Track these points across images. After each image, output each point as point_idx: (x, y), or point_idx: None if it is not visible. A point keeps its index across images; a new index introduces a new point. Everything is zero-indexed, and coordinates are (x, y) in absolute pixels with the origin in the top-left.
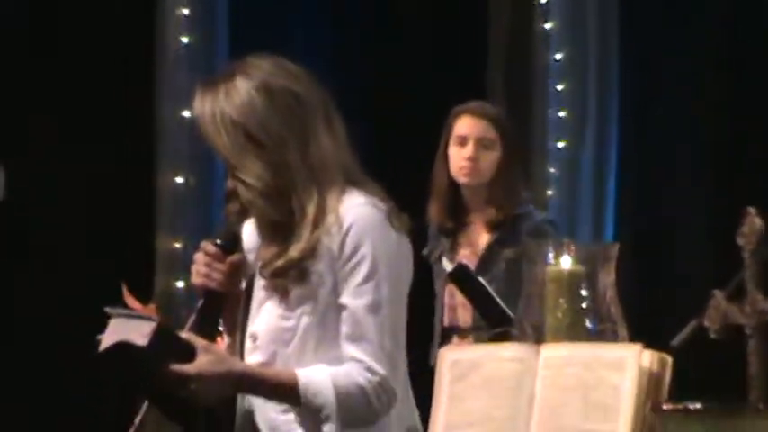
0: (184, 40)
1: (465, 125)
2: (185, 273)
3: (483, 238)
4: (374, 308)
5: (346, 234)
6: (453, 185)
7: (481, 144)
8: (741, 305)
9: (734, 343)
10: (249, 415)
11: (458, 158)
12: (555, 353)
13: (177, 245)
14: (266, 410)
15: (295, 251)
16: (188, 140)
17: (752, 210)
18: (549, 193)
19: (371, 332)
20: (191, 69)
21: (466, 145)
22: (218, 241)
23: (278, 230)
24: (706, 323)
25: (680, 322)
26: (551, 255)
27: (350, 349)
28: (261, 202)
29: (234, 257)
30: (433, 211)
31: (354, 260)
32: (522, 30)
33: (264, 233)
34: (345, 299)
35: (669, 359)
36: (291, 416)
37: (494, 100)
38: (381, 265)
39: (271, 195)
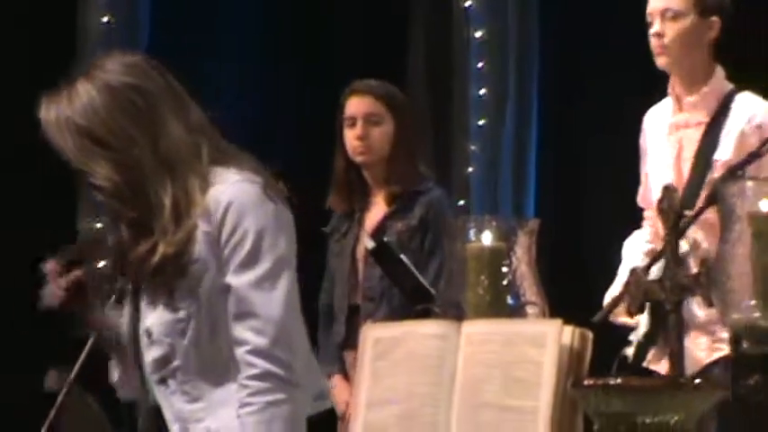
0: (105, 19)
1: (352, 105)
2: None
3: (380, 214)
4: (258, 283)
5: (225, 214)
6: (353, 167)
7: (369, 121)
8: (661, 281)
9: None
10: (155, 409)
11: (350, 139)
12: (476, 329)
13: None
14: (173, 401)
15: (169, 247)
16: None
17: (671, 185)
18: (470, 170)
19: (257, 307)
20: (112, 48)
21: (355, 125)
22: (59, 258)
23: (140, 227)
24: (626, 299)
25: (601, 298)
26: (472, 231)
27: (236, 329)
28: (114, 202)
29: (75, 274)
30: (332, 197)
31: (236, 239)
32: (442, 7)
33: (127, 232)
34: (230, 278)
35: (590, 335)
36: (199, 405)
37: (414, 78)
38: (263, 239)
39: (123, 194)
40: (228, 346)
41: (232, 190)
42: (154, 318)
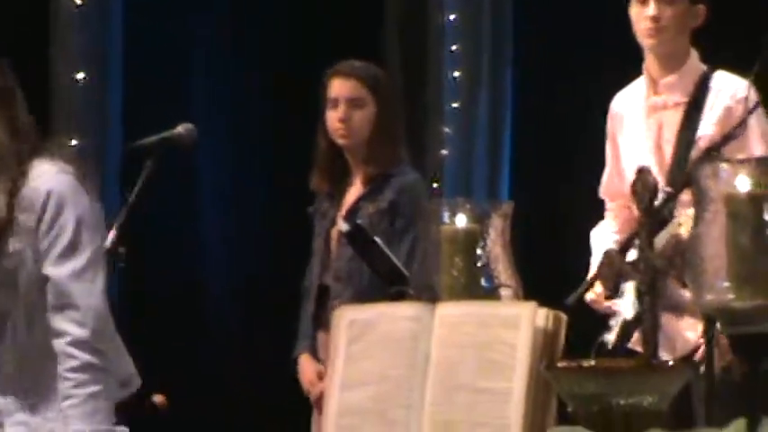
0: (78, 2)
1: (334, 87)
2: None
3: (355, 196)
4: (79, 274)
5: (44, 206)
6: (335, 148)
7: (351, 104)
8: (635, 262)
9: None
10: None
11: (332, 121)
12: (450, 311)
13: None
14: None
15: None
16: (82, 104)
17: (646, 167)
18: (444, 152)
19: (77, 298)
20: (85, 31)
21: (338, 107)
22: None
23: None
24: (600, 281)
25: (575, 281)
26: (446, 214)
27: (55, 320)
28: None
29: None
30: (315, 177)
31: (55, 230)
32: None
33: None
34: (48, 270)
35: (564, 317)
36: (11, 398)
37: (389, 60)
38: (81, 230)
39: None
40: (44, 338)
41: (50, 182)
42: None
